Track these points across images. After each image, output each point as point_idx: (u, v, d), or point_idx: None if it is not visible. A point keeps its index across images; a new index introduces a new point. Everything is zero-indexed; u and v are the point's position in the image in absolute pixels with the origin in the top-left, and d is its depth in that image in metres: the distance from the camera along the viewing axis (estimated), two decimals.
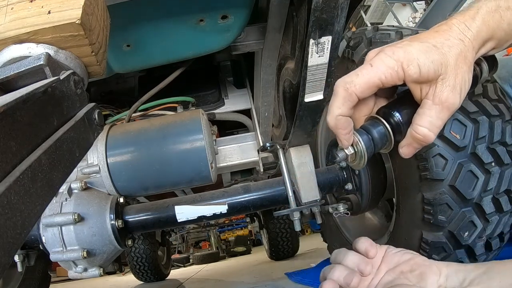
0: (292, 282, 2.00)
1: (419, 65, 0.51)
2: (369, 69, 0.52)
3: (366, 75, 0.52)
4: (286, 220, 3.40)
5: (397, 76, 0.52)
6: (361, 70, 0.53)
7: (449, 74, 0.52)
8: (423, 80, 0.52)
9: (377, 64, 0.52)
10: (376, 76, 0.52)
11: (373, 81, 0.52)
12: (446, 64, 0.52)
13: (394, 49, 0.52)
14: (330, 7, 0.60)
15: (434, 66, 0.51)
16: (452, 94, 0.52)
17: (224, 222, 6.47)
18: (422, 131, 0.53)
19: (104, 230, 0.94)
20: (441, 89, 0.52)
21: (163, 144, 1.09)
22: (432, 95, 0.52)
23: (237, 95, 1.63)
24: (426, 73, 0.51)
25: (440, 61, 0.51)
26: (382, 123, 0.55)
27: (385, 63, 0.52)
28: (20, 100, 0.36)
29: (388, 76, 0.52)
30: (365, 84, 0.52)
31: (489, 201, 0.75)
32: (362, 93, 0.53)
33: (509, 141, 0.76)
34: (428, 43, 0.52)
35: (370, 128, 0.55)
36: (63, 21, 0.51)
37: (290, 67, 1.07)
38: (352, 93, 0.53)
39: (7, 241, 0.29)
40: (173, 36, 1.04)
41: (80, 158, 0.48)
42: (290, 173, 0.99)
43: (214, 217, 1.03)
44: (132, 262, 3.29)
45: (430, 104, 0.52)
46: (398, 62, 0.51)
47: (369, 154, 0.55)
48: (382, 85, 0.53)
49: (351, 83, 0.53)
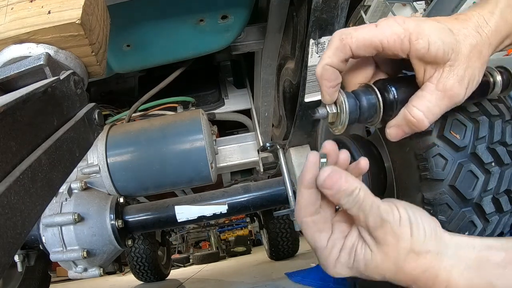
0: (292, 282, 2.00)
1: (429, 41, 0.46)
2: (372, 28, 0.48)
3: (367, 32, 0.47)
4: (286, 220, 3.40)
5: (400, 46, 0.47)
6: (363, 26, 0.48)
7: (459, 62, 0.48)
8: (430, 59, 0.48)
9: (383, 26, 0.47)
10: (377, 37, 0.47)
11: (373, 41, 0.48)
12: (458, 51, 0.48)
13: (405, 19, 0.48)
14: (330, 7, 0.60)
15: (444, 47, 0.47)
16: (458, 84, 0.48)
17: (224, 222, 6.47)
18: (417, 114, 0.49)
19: (104, 230, 0.94)
20: (448, 75, 0.48)
21: (163, 144, 1.09)
22: (437, 80, 0.48)
23: (237, 95, 1.64)
24: (434, 52, 0.47)
25: (452, 45, 0.47)
26: (375, 92, 0.51)
27: (391, 28, 0.47)
28: (20, 100, 0.36)
29: (391, 41, 0.47)
30: (363, 40, 0.48)
31: (489, 201, 0.75)
32: (358, 48, 0.48)
33: (509, 141, 0.76)
34: (444, 25, 0.48)
35: (360, 94, 0.51)
36: (63, 21, 0.51)
37: (290, 67, 1.07)
38: (346, 44, 0.48)
39: (7, 241, 0.29)
40: (173, 36, 1.04)
41: (80, 158, 0.48)
42: (290, 173, 0.99)
43: (214, 217, 1.03)
44: (132, 262, 3.29)
45: (432, 89, 0.49)
46: (407, 32, 0.47)
47: (351, 119, 0.50)
48: (382, 50, 0.48)
49: (348, 35, 0.48)
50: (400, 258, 0.46)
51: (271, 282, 2.16)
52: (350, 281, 1.35)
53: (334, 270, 0.52)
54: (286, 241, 3.46)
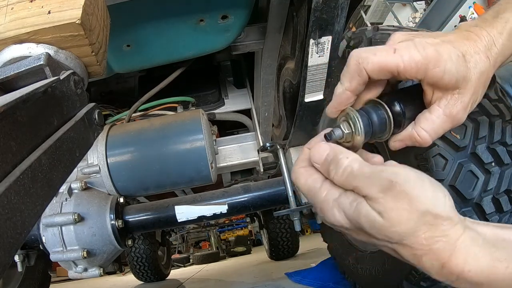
0: (292, 282, 2.00)
1: (445, 71, 0.48)
2: (391, 53, 0.48)
3: (385, 57, 0.48)
4: (286, 220, 3.40)
5: (416, 73, 0.48)
6: (381, 51, 0.49)
7: (467, 90, 0.50)
8: (441, 86, 0.50)
9: (402, 52, 0.48)
10: (395, 63, 0.48)
11: (390, 67, 0.48)
12: (468, 80, 0.49)
13: (425, 45, 0.48)
14: (330, 7, 0.60)
15: (457, 76, 0.48)
16: (463, 111, 0.51)
17: (224, 222, 6.46)
18: (424, 135, 0.52)
19: (104, 230, 0.94)
20: (455, 103, 0.50)
21: (163, 144, 1.09)
22: (444, 105, 0.51)
23: (237, 95, 1.64)
24: (447, 81, 0.49)
25: (464, 74, 0.49)
26: (385, 110, 0.52)
27: (411, 54, 0.47)
28: (20, 100, 0.36)
29: (408, 68, 0.48)
30: (379, 65, 0.49)
31: (489, 201, 0.75)
32: (373, 73, 0.49)
33: (509, 141, 0.76)
34: (458, 50, 0.49)
35: (371, 112, 0.52)
36: (63, 21, 0.51)
37: (290, 67, 1.07)
38: (362, 69, 0.49)
39: (7, 241, 0.29)
40: (173, 36, 1.04)
41: (80, 158, 0.48)
42: (290, 173, 0.99)
43: (214, 217, 1.03)
44: (132, 262, 3.29)
45: (439, 113, 0.51)
46: (425, 60, 0.47)
47: (366, 138, 0.52)
48: (397, 75, 0.49)
49: (365, 59, 0.49)
50: (412, 221, 0.42)
51: (271, 282, 2.16)
52: (350, 281, 1.35)
53: (331, 212, 0.47)
54: (286, 241, 3.46)
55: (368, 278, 1.12)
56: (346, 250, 1.30)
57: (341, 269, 1.43)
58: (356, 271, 1.22)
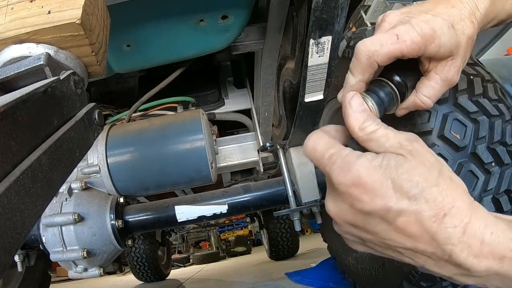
0: (292, 282, 2.00)
1: (440, 44, 0.52)
2: (395, 40, 0.51)
3: (391, 46, 0.51)
4: (286, 220, 3.40)
5: (417, 52, 0.52)
6: (386, 39, 0.52)
7: (459, 55, 0.55)
8: (438, 57, 0.54)
9: (404, 37, 0.51)
10: (400, 49, 0.51)
11: (396, 54, 0.52)
12: (459, 46, 0.54)
13: (420, 24, 0.52)
14: (330, 7, 0.60)
15: (450, 47, 0.53)
16: (457, 74, 0.57)
17: (224, 222, 6.47)
18: (426, 100, 0.58)
19: (104, 230, 0.94)
20: (450, 68, 0.55)
21: (163, 144, 1.09)
22: (440, 72, 0.56)
23: (237, 95, 1.64)
24: (443, 53, 0.53)
25: (456, 43, 0.53)
26: (390, 86, 0.56)
27: (411, 37, 0.51)
28: (20, 100, 0.36)
29: (411, 50, 0.52)
30: (388, 55, 0.52)
31: (489, 201, 0.75)
32: (383, 63, 0.53)
33: (509, 141, 0.76)
34: (447, 21, 0.53)
35: (378, 91, 0.55)
36: (63, 21, 0.51)
37: (290, 67, 1.07)
38: (373, 62, 0.53)
39: (7, 241, 0.29)
40: (173, 36, 1.04)
41: (80, 158, 0.48)
42: (290, 173, 0.99)
43: (214, 217, 1.03)
44: (132, 262, 3.29)
45: (437, 79, 0.56)
46: (424, 39, 0.51)
47: (380, 115, 0.55)
48: (401, 57, 0.53)
49: (375, 52, 0.52)
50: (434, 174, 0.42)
51: (271, 282, 2.16)
52: (350, 281, 1.35)
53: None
54: (286, 241, 3.46)
55: (368, 278, 1.12)
56: (346, 250, 1.30)
57: (341, 269, 1.43)
58: (356, 271, 1.22)
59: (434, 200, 0.41)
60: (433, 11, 0.54)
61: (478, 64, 0.84)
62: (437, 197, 0.41)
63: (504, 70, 1.03)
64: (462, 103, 0.76)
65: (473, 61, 0.84)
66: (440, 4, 0.55)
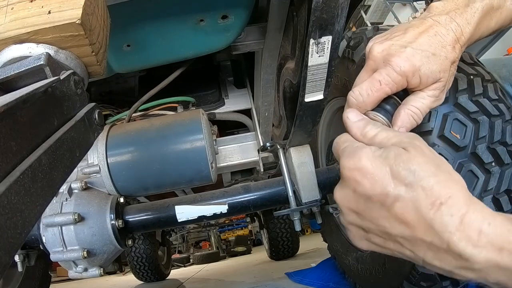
0: (292, 282, 2.00)
1: (420, 76, 0.57)
2: (378, 88, 0.57)
3: (376, 93, 0.58)
4: (286, 220, 3.40)
5: (401, 87, 0.58)
6: (371, 88, 0.58)
7: (443, 79, 0.59)
8: (422, 86, 0.58)
9: (386, 81, 0.57)
10: (384, 92, 0.58)
11: (382, 96, 0.59)
12: (443, 70, 0.58)
13: (400, 63, 0.56)
14: (330, 7, 0.60)
15: (433, 76, 0.57)
16: (442, 93, 0.61)
17: (224, 222, 6.46)
18: (416, 110, 0.60)
19: (104, 230, 0.94)
20: (435, 90, 0.59)
21: (163, 144, 1.09)
22: (427, 90, 0.59)
23: (237, 95, 1.64)
24: (425, 82, 0.58)
25: (439, 69, 0.57)
26: (393, 98, 0.61)
27: (392, 79, 0.57)
28: (20, 100, 0.36)
29: (394, 90, 0.58)
30: (375, 100, 0.59)
31: (489, 201, 0.75)
32: (373, 106, 0.60)
33: (510, 141, 0.76)
34: (428, 52, 0.57)
35: (384, 105, 0.61)
36: (63, 21, 0.51)
37: (290, 67, 1.07)
38: (364, 108, 0.59)
39: (8, 241, 0.29)
40: (173, 36, 1.04)
41: (80, 158, 0.48)
42: (290, 173, 0.99)
43: (215, 217, 1.03)
44: (132, 262, 3.29)
45: (424, 95, 0.60)
46: (404, 77, 0.57)
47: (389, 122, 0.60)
48: (388, 94, 0.59)
49: (364, 102, 0.58)
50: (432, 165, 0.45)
51: (271, 282, 2.16)
52: (350, 281, 1.35)
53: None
54: (286, 241, 3.46)
55: (368, 278, 1.12)
56: (346, 250, 1.30)
57: (341, 269, 1.43)
58: (356, 271, 1.22)
59: (431, 189, 0.43)
60: (414, 43, 0.58)
61: (478, 64, 0.84)
62: (434, 186, 0.43)
63: (504, 70, 1.03)
64: (462, 103, 0.76)
65: (473, 61, 0.84)
66: (423, 33, 0.58)
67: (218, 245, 7.83)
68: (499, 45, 4.12)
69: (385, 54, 0.58)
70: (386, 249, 0.50)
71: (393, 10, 6.15)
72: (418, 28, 0.59)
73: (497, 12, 0.60)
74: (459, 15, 0.58)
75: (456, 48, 0.58)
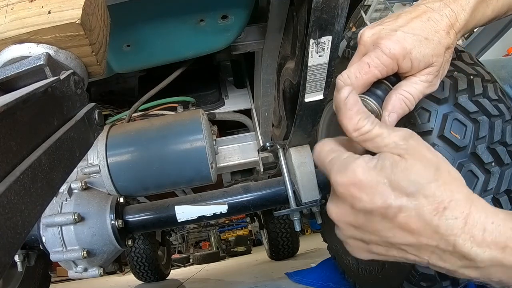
0: (292, 282, 2.00)
1: (411, 60, 0.55)
2: (367, 70, 0.55)
3: (365, 76, 0.55)
4: (286, 220, 3.40)
5: (392, 70, 0.56)
6: (359, 71, 0.55)
7: (437, 63, 0.57)
8: (414, 70, 0.56)
9: (375, 64, 0.55)
10: (374, 75, 0.55)
11: (371, 80, 0.56)
12: (437, 55, 0.56)
13: (389, 45, 0.54)
14: (330, 7, 0.60)
15: (425, 60, 0.55)
16: (436, 79, 0.59)
17: (224, 222, 6.47)
18: (408, 95, 0.58)
19: (104, 230, 0.94)
20: (428, 74, 0.57)
21: (163, 144, 1.09)
22: (420, 75, 0.57)
23: (237, 95, 1.63)
24: (417, 66, 0.56)
25: (431, 53, 0.55)
26: (384, 83, 0.59)
27: (382, 61, 0.54)
28: (20, 100, 0.36)
29: (384, 73, 0.56)
30: (364, 83, 0.56)
31: (489, 201, 0.75)
32: (363, 89, 0.57)
33: (509, 141, 0.76)
34: (420, 36, 0.55)
35: (375, 90, 0.59)
36: (63, 21, 0.51)
37: (290, 67, 1.07)
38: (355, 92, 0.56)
39: (7, 241, 0.29)
40: (173, 36, 1.04)
41: (80, 158, 0.48)
42: (290, 173, 0.99)
43: (214, 217, 1.03)
44: (132, 262, 3.29)
45: (417, 80, 0.58)
46: (394, 60, 0.54)
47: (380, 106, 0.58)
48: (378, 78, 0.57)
49: (352, 86, 0.55)
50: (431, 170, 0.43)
51: (271, 282, 2.16)
52: (350, 281, 1.35)
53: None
54: (286, 241, 3.46)
55: (368, 278, 1.12)
56: (346, 250, 1.30)
57: (341, 269, 1.43)
58: (356, 271, 1.22)
59: (433, 196, 0.42)
60: (405, 27, 0.56)
61: (478, 64, 0.84)
62: (435, 192, 0.42)
63: (503, 71, 1.03)
64: (462, 103, 0.76)
65: (473, 61, 0.84)
66: (416, 18, 0.57)
67: (218, 245, 7.83)
68: (499, 45, 4.12)
69: (375, 38, 0.57)
70: (389, 257, 0.49)
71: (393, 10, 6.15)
72: (410, 14, 0.58)
73: (493, 0, 0.59)
74: (453, 1, 0.57)
75: (450, 34, 0.56)
